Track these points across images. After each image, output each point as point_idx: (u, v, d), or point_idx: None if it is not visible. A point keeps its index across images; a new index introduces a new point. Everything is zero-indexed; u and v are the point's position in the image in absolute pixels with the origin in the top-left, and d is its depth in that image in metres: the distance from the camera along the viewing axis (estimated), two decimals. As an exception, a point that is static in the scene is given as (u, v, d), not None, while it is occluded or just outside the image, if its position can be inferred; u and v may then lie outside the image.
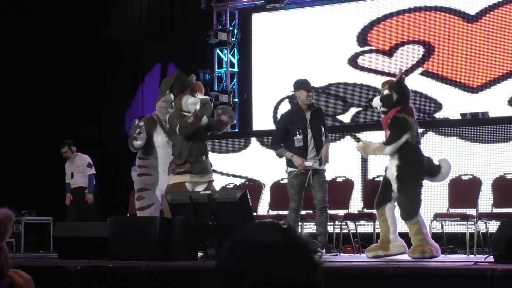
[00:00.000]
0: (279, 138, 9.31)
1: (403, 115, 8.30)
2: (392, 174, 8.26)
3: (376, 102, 8.45)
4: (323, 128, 9.24)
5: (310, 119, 9.16)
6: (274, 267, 1.73)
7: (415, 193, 8.23)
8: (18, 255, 11.26)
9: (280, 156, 9.34)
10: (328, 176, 9.66)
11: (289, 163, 9.21)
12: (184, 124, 8.71)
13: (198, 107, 8.63)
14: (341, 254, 9.79)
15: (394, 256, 8.16)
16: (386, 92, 8.39)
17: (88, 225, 10.83)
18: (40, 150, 15.60)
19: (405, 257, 8.14)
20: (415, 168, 8.22)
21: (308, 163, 9.09)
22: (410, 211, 8.17)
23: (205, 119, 8.84)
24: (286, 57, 13.80)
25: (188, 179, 8.84)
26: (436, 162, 8.39)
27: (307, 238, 1.81)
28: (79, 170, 12.77)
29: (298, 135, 9.09)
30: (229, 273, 1.76)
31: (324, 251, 8.87)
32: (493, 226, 9.40)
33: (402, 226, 8.39)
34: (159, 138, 9.51)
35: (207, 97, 8.95)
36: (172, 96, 9.04)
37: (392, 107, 8.32)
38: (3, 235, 2.21)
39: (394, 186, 8.24)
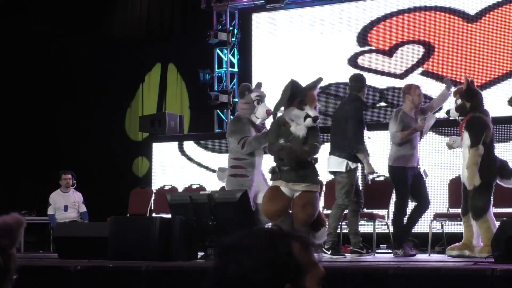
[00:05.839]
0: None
1: (479, 115, 8.53)
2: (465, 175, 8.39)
3: (453, 113, 8.67)
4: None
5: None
6: (237, 266, 1.87)
7: (486, 193, 8.38)
8: (18, 255, 11.21)
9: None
10: (329, 176, 9.66)
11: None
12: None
13: (301, 121, 8.38)
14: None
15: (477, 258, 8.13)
16: (459, 101, 8.60)
17: (88, 225, 10.84)
18: (41, 150, 15.59)
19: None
20: (488, 168, 8.38)
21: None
22: (480, 210, 8.31)
23: (302, 131, 8.42)
24: (286, 57, 13.79)
25: (279, 184, 8.49)
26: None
27: (285, 243, 1.90)
28: (75, 206, 12.36)
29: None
30: (213, 270, 1.92)
31: (330, 252, 8.85)
32: (493, 226, 9.38)
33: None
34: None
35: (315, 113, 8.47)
36: (252, 95, 9.41)
37: (468, 114, 8.53)
38: (14, 242, 2.19)
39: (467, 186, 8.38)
